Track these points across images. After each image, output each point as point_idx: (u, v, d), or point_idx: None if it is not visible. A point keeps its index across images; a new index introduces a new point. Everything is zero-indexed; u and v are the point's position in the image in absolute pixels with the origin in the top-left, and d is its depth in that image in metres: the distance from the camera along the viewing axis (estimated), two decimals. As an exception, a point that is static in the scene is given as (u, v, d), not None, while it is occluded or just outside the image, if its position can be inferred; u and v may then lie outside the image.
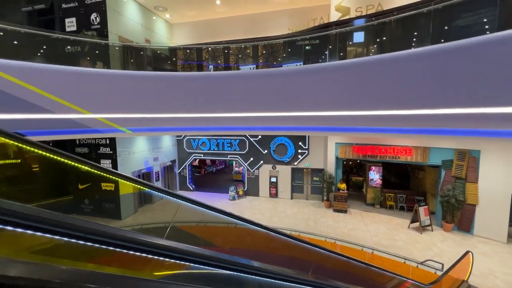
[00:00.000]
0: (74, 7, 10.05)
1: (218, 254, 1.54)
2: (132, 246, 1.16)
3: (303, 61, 9.48)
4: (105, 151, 10.44)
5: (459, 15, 6.28)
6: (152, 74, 8.38)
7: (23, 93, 6.58)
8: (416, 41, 7.52)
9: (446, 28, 6.45)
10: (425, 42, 6.99)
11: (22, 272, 0.64)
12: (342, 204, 11.13)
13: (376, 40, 10.42)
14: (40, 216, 0.86)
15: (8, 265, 0.66)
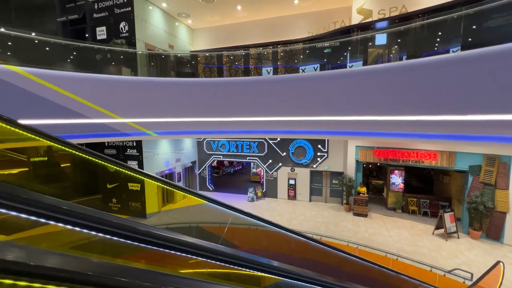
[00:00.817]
0: (105, 16, 10.63)
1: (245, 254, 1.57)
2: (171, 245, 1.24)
3: (325, 63, 9.45)
4: (132, 152, 10.97)
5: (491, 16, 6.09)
6: (176, 80, 8.73)
7: (62, 99, 7.08)
8: (441, 43, 7.32)
9: (476, 30, 6.27)
10: (452, 44, 6.82)
11: (62, 264, 0.66)
12: (362, 208, 11.02)
13: (398, 42, 10.24)
14: (87, 214, 0.97)
15: (49, 256, 0.69)
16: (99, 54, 9.55)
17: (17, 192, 0.84)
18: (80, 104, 7.40)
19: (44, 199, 0.91)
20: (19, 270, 0.57)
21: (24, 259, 0.60)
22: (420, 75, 5.73)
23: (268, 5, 11.36)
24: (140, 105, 8.34)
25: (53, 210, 0.90)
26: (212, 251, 1.38)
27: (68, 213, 0.95)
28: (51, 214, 0.91)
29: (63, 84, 7.04)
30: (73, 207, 0.98)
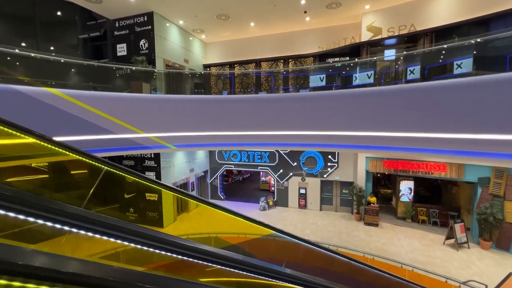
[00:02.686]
0: (125, 34, 11.16)
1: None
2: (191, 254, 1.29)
3: (335, 75, 9.78)
4: (150, 164, 11.38)
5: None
6: (193, 97, 9.21)
7: (93, 117, 7.52)
8: (446, 58, 7.58)
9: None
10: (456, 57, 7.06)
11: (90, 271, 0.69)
12: (373, 217, 11.31)
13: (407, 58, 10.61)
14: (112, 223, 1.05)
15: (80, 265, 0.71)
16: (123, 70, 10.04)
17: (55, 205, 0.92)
18: (108, 121, 7.83)
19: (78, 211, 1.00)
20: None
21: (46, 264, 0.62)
22: (429, 96, 6.13)
23: (280, 22, 11.83)
24: (161, 120, 8.78)
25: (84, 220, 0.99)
26: (230, 259, 1.42)
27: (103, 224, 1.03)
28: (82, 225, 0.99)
29: (93, 102, 7.50)
30: (106, 218, 1.07)
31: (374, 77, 8.84)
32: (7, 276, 0.54)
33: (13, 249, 0.63)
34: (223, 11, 10.67)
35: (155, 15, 10.65)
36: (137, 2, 9.72)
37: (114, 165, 1.91)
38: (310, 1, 9.84)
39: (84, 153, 1.80)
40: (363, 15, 10.79)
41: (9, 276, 0.54)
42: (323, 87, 9.49)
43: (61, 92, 6.67)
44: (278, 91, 12.54)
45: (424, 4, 9.41)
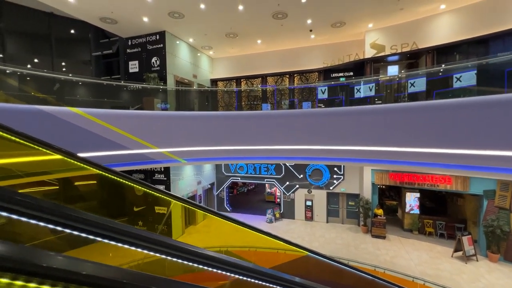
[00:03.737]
0: (137, 51, 11.58)
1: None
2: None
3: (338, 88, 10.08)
4: (159, 177, 11.57)
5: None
6: (201, 113, 9.56)
7: (110, 134, 7.79)
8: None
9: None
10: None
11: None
12: (380, 230, 11.40)
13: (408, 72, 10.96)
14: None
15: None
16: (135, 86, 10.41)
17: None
18: (123, 137, 8.09)
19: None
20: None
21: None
22: (435, 113, 6.42)
23: (286, 38, 12.27)
24: (172, 135, 9.07)
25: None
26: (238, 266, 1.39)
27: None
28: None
29: (110, 120, 7.79)
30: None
31: (376, 89, 9.23)
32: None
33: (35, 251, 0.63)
34: (232, 30, 11.13)
35: (167, 34, 11.09)
36: (151, 22, 10.16)
37: (132, 179, 2.00)
38: (315, 21, 10.30)
39: (105, 168, 1.89)
40: (366, 32, 11.24)
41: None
42: (327, 99, 9.90)
43: (81, 111, 6.97)
44: (281, 104, 12.76)
45: (426, 23, 9.85)
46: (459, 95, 6.82)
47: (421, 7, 9.29)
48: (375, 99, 9.61)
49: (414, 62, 11.18)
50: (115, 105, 9.84)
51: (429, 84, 7.64)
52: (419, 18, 9.95)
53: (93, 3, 8.63)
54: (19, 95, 7.52)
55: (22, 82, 7.89)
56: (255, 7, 9.11)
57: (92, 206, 12.46)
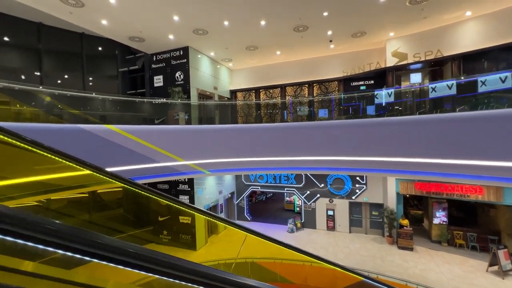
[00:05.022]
0: (162, 67, 12.08)
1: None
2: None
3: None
4: (183, 188, 11.87)
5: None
6: (223, 127, 9.80)
7: (141, 148, 8.13)
8: None
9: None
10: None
11: None
12: (407, 241, 11.08)
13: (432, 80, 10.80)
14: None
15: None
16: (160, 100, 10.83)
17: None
18: (153, 151, 8.43)
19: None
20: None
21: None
22: (460, 125, 6.30)
23: (305, 49, 12.39)
24: (197, 148, 9.32)
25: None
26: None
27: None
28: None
29: (142, 135, 8.15)
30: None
31: (395, 95, 9.17)
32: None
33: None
34: (252, 43, 11.40)
35: (190, 49, 11.51)
36: (176, 39, 10.61)
37: (154, 191, 2.09)
38: (336, 31, 10.37)
39: (128, 181, 1.99)
40: (387, 41, 11.17)
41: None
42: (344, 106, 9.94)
43: (116, 127, 7.36)
44: (297, 112, 12.75)
45: (451, 31, 9.68)
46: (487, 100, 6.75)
47: (446, 15, 9.16)
48: (394, 105, 9.56)
49: (438, 69, 10.96)
50: (142, 118, 10.28)
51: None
52: (443, 25, 9.79)
53: (124, 24, 9.15)
54: (57, 113, 8.05)
55: (59, 100, 8.46)
56: (277, 22, 9.33)
57: (118, 214, 12.96)
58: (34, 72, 10.95)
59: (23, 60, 10.73)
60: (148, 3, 7.79)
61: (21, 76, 10.65)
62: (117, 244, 0.84)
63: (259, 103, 14.52)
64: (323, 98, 12.53)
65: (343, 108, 10.87)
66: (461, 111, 7.25)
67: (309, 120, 11.66)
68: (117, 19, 8.76)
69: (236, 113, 14.10)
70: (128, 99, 9.53)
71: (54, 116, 8.06)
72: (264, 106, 14.43)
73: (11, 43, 10.22)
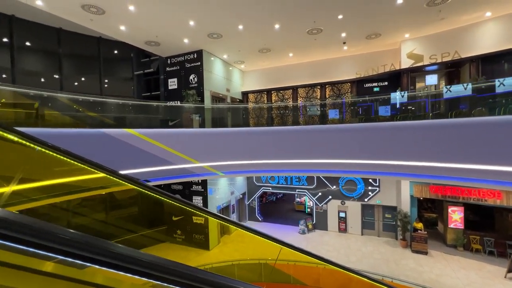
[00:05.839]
0: (176, 70, 12.29)
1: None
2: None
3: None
4: (197, 188, 12.08)
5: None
6: (237, 130, 10.02)
7: (158, 151, 8.34)
8: None
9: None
10: None
11: None
12: (422, 245, 10.95)
13: (449, 83, 10.62)
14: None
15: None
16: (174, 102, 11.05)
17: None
18: (169, 153, 8.63)
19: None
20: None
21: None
22: (476, 130, 6.21)
23: (318, 51, 12.36)
24: (211, 150, 9.47)
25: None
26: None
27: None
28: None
29: (159, 138, 8.36)
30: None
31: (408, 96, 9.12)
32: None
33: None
34: (265, 46, 11.47)
35: (204, 52, 11.67)
36: (191, 43, 10.78)
37: (165, 193, 2.15)
38: (350, 34, 10.32)
39: (139, 183, 2.07)
40: (402, 42, 11.03)
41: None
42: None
43: (135, 131, 7.59)
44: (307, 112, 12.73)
45: (469, 32, 9.48)
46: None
47: (465, 16, 8.98)
48: (407, 105, 9.47)
49: (454, 71, 10.75)
50: (157, 120, 10.51)
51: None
52: (461, 26, 9.60)
53: (141, 29, 9.38)
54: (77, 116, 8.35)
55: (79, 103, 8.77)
56: (291, 25, 9.36)
57: (133, 214, 13.29)
58: (54, 75, 11.34)
59: (43, 64, 11.14)
60: (166, 10, 7.96)
61: (41, 79, 11.06)
62: (132, 254, 0.85)
63: (270, 106, 14.59)
64: (334, 102, 12.48)
65: (355, 109, 10.84)
66: (477, 112, 7.15)
67: (321, 120, 11.67)
68: (135, 25, 8.99)
69: (247, 115, 14.21)
70: (145, 104, 9.77)
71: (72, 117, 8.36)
72: (276, 108, 14.47)
73: (33, 48, 10.63)
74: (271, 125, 12.29)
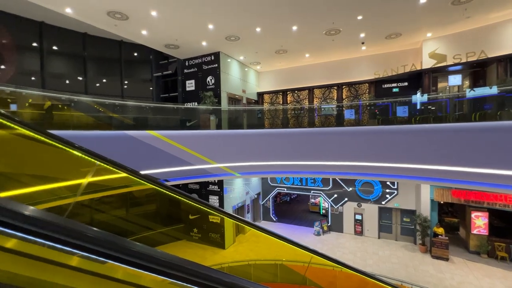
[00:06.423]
0: (194, 71, 12.54)
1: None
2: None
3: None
4: (213, 188, 12.30)
5: None
6: (252, 132, 10.01)
7: (177, 152, 8.56)
8: None
9: None
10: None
11: None
12: (442, 251, 10.63)
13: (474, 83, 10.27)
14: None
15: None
16: (192, 104, 11.27)
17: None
18: (188, 154, 8.84)
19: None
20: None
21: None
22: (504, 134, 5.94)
23: (335, 51, 12.21)
24: (227, 151, 9.61)
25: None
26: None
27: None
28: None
29: (178, 139, 8.58)
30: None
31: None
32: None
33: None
34: (282, 47, 11.48)
35: (221, 54, 11.84)
36: (208, 45, 10.96)
37: (182, 193, 2.23)
38: (369, 34, 10.14)
39: (158, 183, 2.16)
40: (424, 41, 10.70)
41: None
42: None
43: (156, 132, 7.84)
44: (325, 115, 12.61)
45: (497, 30, 9.08)
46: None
47: (492, 14, 8.61)
48: (428, 105, 9.23)
49: (480, 71, 10.31)
50: (175, 120, 10.77)
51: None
52: (488, 25, 9.21)
53: (162, 33, 9.65)
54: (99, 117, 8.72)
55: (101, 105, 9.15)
56: (308, 27, 9.32)
57: (151, 211, 13.72)
58: (78, 77, 11.86)
59: (69, 66, 11.68)
60: (186, 14, 8.15)
61: (66, 81, 11.60)
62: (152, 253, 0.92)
63: (285, 108, 14.59)
64: (351, 104, 12.31)
65: (372, 110, 10.66)
66: (503, 114, 6.86)
67: (337, 121, 11.56)
68: (156, 29, 9.26)
69: (263, 116, 14.27)
70: (166, 106, 10.06)
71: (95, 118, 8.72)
72: (291, 109, 14.44)
73: (60, 52, 11.17)
74: (286, 126, 12.30)
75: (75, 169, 2.53)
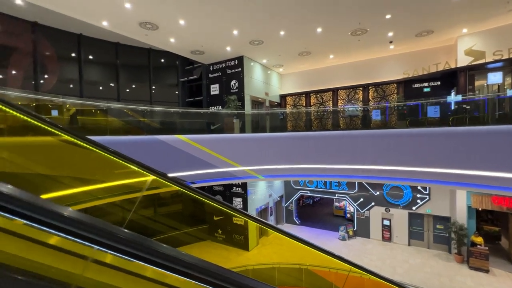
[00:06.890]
0: (218, 76, 12.83)
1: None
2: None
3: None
4: (237, 190, 12.46)
5: None
6: (275, 135, 10.00)
7: (204, 155, 8.79)
8: None
9: None
10: None
11: None
12: (482, 262, 9.87)
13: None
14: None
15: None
16: (216, 107, 11.51)
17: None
18: (213, 157, 9.04)
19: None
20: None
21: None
22: None
23: (361, 51, 11.86)
24: (251, 154, 9.69)
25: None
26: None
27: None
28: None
29: (205, 143, 8.82)
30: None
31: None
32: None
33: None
34: (306, 49, 11.38)
35: (245, 58, 11.99)
36: (232, 50, 11.16)
37: (204, 194, 2.32)
38: (398, 32, 9.74)
39: (185, 185, 2.26)
40: (459, 38, 10.07)
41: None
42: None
43: (184, 137, 8.14)
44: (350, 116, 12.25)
45: (544, 23, 8.31)
46: None
47: (539, 5, 7.89)
48: (462, 105, 8.69)
49: (526, 66, 9.47)
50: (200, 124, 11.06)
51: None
52: (534, 17, 8.45)
53: (189, 41, 10.00)
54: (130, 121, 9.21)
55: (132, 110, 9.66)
56: (333, 28, 9.17)
57: (177, 211, 14.20)
58: (110, 84, 12.61)
59: (103, 74, 12.46)
60: (212, 21, 8.38)
61: (100, 87, 12.38)
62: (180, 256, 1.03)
63: (309, 104, 14.44)
64: (378, 106, 11.88)
65: (401, 111, 10.21)
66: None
67: (363, 123, 11.22)
68: (183, 37, 9.62)
69: (286, 119, 14.21)
70: (191, 111, 10.40)
71: (126, 123, 9.21)
72: (314, 111, 14.24)
73: (95, 61, 11.96)
74: (310, 129, 12.15)
75: (109, 171, 2.76)
